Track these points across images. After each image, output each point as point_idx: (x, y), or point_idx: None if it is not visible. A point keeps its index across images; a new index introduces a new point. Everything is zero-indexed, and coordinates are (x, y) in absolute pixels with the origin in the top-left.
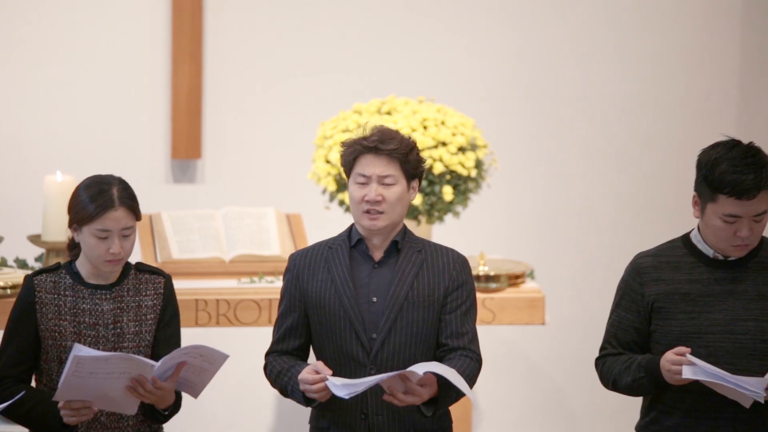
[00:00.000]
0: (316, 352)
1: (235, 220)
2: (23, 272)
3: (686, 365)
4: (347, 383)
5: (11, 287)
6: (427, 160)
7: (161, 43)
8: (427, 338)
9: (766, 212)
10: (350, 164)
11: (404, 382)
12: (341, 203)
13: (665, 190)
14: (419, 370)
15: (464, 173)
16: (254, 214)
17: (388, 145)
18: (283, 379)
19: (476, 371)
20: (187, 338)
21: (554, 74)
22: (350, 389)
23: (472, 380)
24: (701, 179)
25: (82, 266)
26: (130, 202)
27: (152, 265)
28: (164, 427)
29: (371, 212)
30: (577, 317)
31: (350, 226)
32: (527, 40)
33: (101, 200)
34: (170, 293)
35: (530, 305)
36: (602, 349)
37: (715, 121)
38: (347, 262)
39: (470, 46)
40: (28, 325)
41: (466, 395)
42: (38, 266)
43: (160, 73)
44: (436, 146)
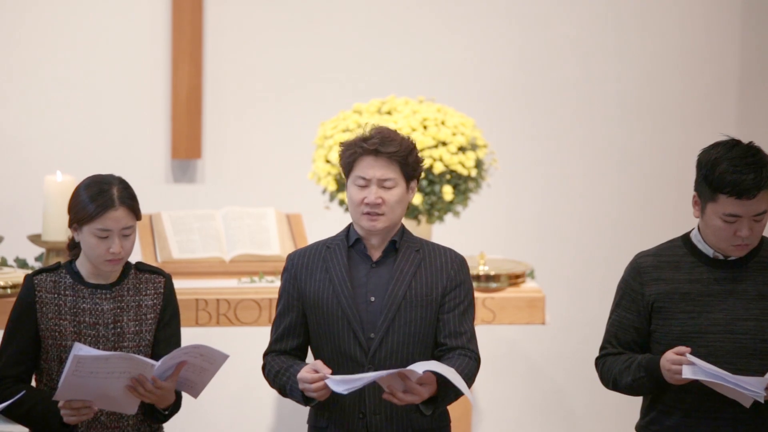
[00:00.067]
0: (314, 351)
1: (235, 220)
2: (23, 272)
3: (686, 365)
4: (346, 379)
5: (11, 287)
6: (427, 159)
7: (161, 43)
8: (424, 338)
9: (766, 212)
10: (349, 166)
11: (404, 380)
12: (341, 203)
13: (665, 189)
14: (419, 369)
15: (464, 173)
16: (254, 214)
17: (388, 147)
18: (281, 378)
19: (475, 370)
20: (187, 338)
21: (554, 74)
22: (348, 385)
23: (470, 379)
24: (701, 179)
25: (82, 266)
26: (130, 201)
27: (152, 264)
28: (164, 426)
29: (371, 214)
30: (577, 317)
31: (348, 225)
32: (527, 40)
33: (101, 200)
34: (170, 293)
35: (530, 305)
36: (602, 348)
37: (715, 121)
38: (345, 261)
39: (470, 46)
40: (28, 324)
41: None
42: (38, 266)
43: (160, 73)
44: (436, 146)
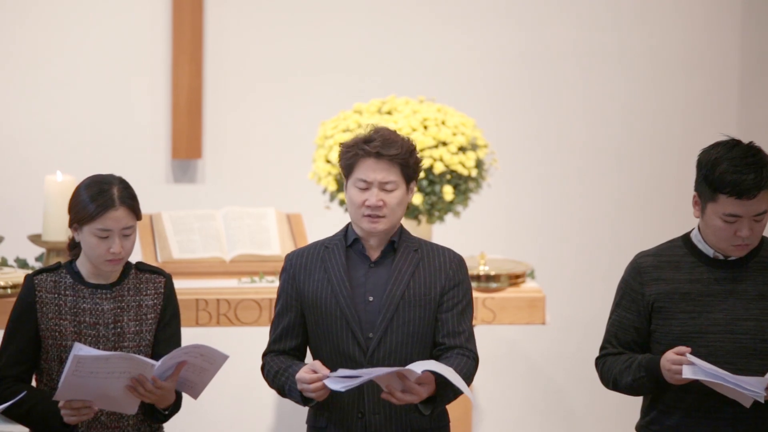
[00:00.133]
0: (312, 351)
1: (235, 219)
2: (23, 272)
3: (686, 365)
4: (343, 376)
5: (11, 287)
6: (427, 159)
7: (162, 43)
8: (423, 337)
9: (766, 212)
10: (350, 167)
11: (402, 380)
12: (341, 203)
13: (665, 189)
14: (417, 368)
15: (465, 173)
16: (254, 214)
17: (389, 150)
18: (280, 379)
19: (473, 370)
20: (187, 338)
21: (555, 74)
22: (346, 382)
23: (469, 379)
24: (701, 179)
25: (82, 266)
26: (130, 201)
27: (153, 264)
28: (164, 426)
29: (372, 216)
30: (577, 317)
31: (346, 225)
32: (528, 40)
33: (102, 200)
34: (171, 293)
35: (530, 305)
36: (602, 348)
37: (715, 120)
38: (343, 261)
39: (471, 45)
40: (28, 324)
41: (463, 394)
42: (38, 266)
43: (160, 73)
44: (436, 146)
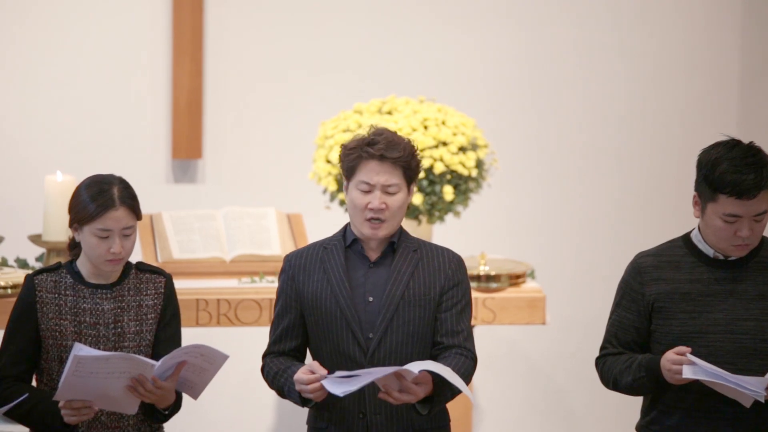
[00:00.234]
0: (312, 352)
1: (235, 220)
2: (24, 272)
3: (687, 365)
4: (342, 380)
5: (12, 287)
6: (427, 159)
7: (162, 43)
8: (423, 337)
9: (766, 212)
10: (352, 169)
11: (399, 380)
12: (342, 203)
13: (665, 189)
14: (414, 368)
15: (465, 173)
16: (255, 214)
17: (392, 152)
18: (279, 380)
19: (471, 369)
20: (187, 338)
21: (555, 74)
22: (345, 387)
23: (467, 378)
24: (701, 179)
25: (82, 266)
26: (130, 201)
27: (153, 264)
28: (164, 426)
29: (373, 221)
30: (577, 317)
31: (345, 226)
32: (528, 39)
33: (102, 200)
34: (171, 293)
35: (531, 305)
36: (602, 348)
37: (715, 120)
38: (343, 262)
39: (471, 45)
40: (28, 324)
41: (462, 393)
42: (39, 266)
43: (160, 73)
44: (436, 146)
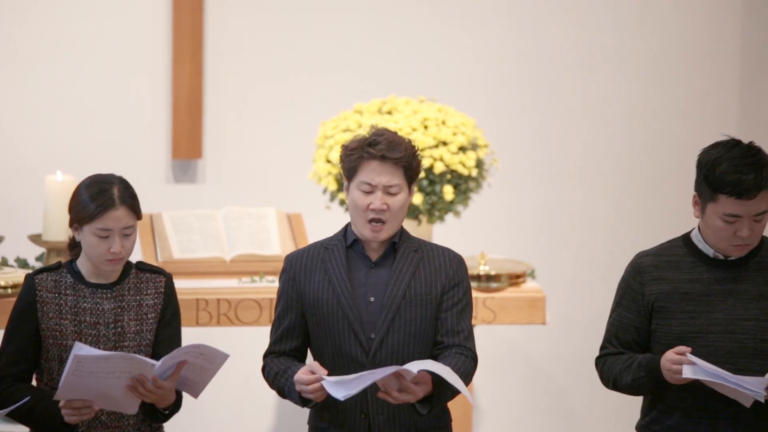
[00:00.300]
0: (313, 353)
1: (235, 219)
2: (24, 272)
3: (687, 365)
4: (343, 383)
5: (12, 287)
6: (427, 159)
7: (162, 43)
8: (425, 337)
9: (766, 212)
10: (353, 170)
11: (399, 380)
12: (342, 203)
13: (666, 189)
14: (414, 368)
15: (465, 173)
16: (255, 213)
17: (394, 153)
18: (280, 380)
19: (471, 369)
20: (187, 338)
21: (555, 74)
22: (346, 390)
23: (467, 378)
24: (701, 179)
25: (82, 265)
26: (130, 201)
27: (153, 264)
28: (165, 426)
29: (374, 223)
30: (577, 317)
31: (345, 226)
32: (528, 40)
33: (102, 199)
34: (171, 292)
35: (531, 305)
36: (602, 348)
37: (715, 120)
38: (344, 262)
39: (471, 45)
40: (28, 324)
41: (462, 393)
42: (39, 266)
43: (160, 73)
44: (436, 146)
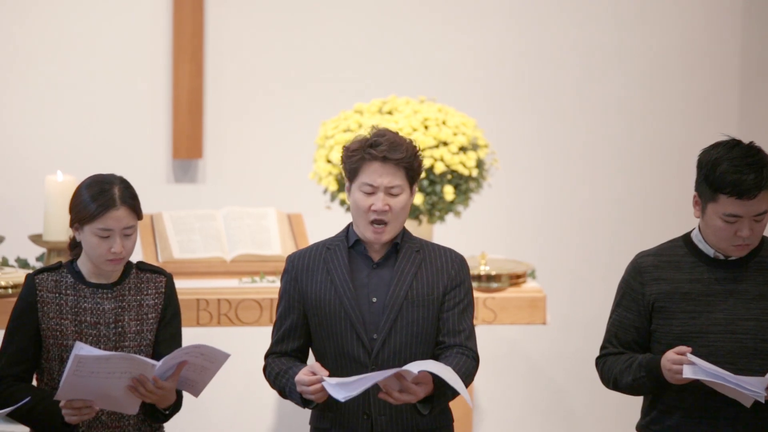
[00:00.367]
0: (315, 353)
1: (235, 220)
2: (24, 272)
3: (687, 365)
4: (344, 384)
5: (12, 287)
6: (428, 159)
7: (162, 43)
8: (427, 338)
9: (766, 212)
10: (355, 171)
11: (399, 380)
12: (342, 203)
13: (666, 189)
14: (414, 368)
15: (465, 173)
16: (255, 214)
17: (395, 154)
18: (281, 380)
19: (473, 369)
20: (188, 338)
21: (555, 74)
22: (347, 392)
23: (468, 378)
24: (702, 179)
25: (83, 265)
26: (131, 201)
27: (153, 264)
28: (165, 426)
29: (376, 224)
30: (578, 317)
31: (347, 226)
32: (528, 40)
33: (103, 199)
34: (171, 292)
35: (531, 305)
36: (603, 348)
37: (715, 120)
38: (346, 262)
39: (472, 45)
40: (29, 324)
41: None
42: (39, 266)
43: (161, 73)
44: (437, 146)
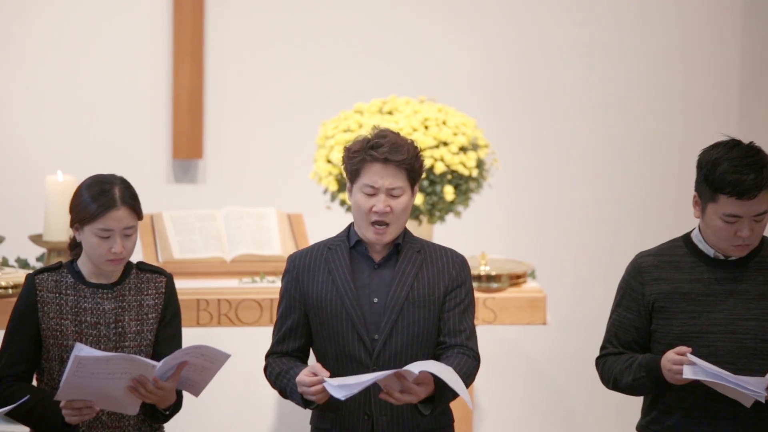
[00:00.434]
0: (316, 353)
1: (236, 220)
2: (24, 272)
3: (687, 365)
4: (344, 384)
5: (13, 287)
6: (428, 159)
7: (162, 43)
8: (428, 338)
9: (766, 212)
10: (356, 172)
11: (400, 380)
12: (342, 203)
13: (666, 189)
14: (415, 369)
15: (465, 173)
16: (255, 214)
17: (396, 155)
18: (282, 380)
19: (474, 369)
20: (188, 338)
21: (555, 74)
22: (347, 390)
23: (469, 378)
24: (702, 179)
25: (83, 265)
26: (131, 201)
27: (154, 264)
28: (165, 426)
29: (377, 225)
30: (578, 317)
31: (348, 226)
32: (528, 39)
33: (103, 200)
34: (171, 292)
35: (531, 305)
36: (603, 348)
37: (715, 121)
38: (348, 263)
39: (472, 45)
40: (29, 324)
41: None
42: (39, 266)
43: (161, 73)
44: (437, 146)
